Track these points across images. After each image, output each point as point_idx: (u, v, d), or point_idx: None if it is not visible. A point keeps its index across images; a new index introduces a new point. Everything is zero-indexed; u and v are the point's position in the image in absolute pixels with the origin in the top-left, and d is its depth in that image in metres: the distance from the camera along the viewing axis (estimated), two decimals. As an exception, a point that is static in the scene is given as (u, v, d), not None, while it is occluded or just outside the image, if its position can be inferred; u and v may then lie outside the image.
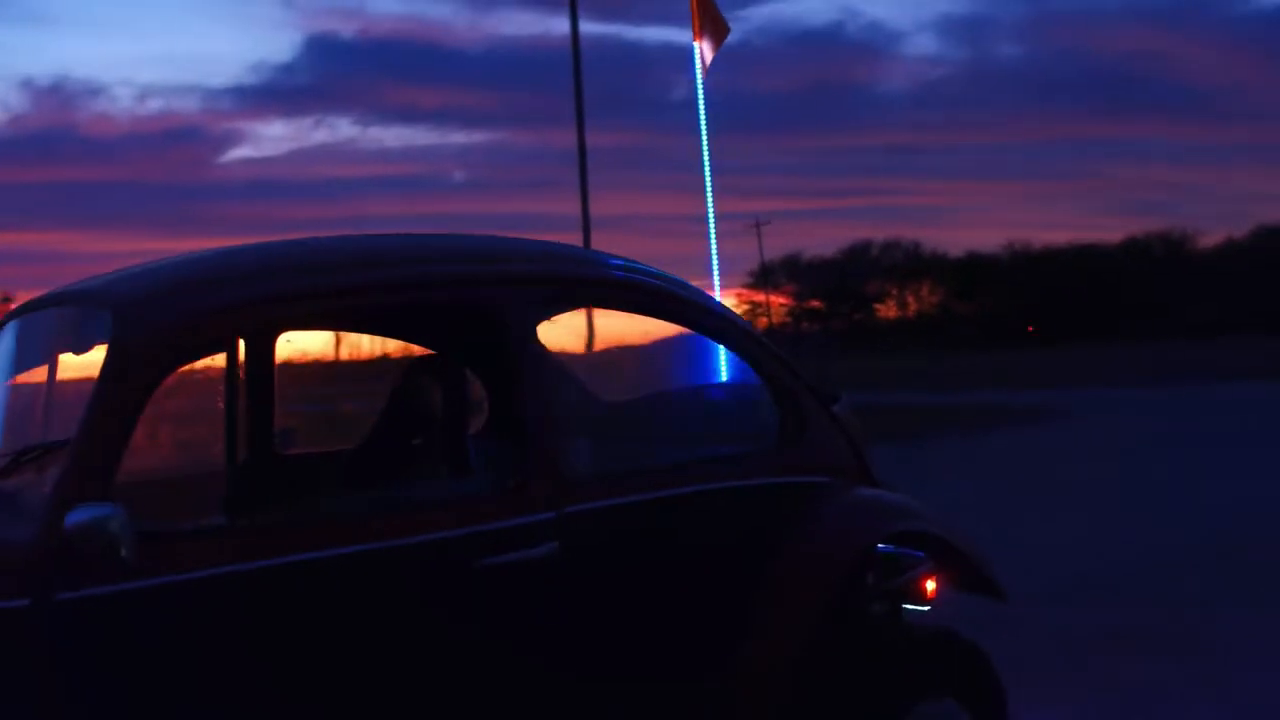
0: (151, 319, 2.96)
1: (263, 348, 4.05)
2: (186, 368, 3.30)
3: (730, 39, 6.87)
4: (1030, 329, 75.71)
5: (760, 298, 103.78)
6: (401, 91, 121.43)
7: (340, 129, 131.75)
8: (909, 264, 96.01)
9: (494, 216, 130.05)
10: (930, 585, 3.87)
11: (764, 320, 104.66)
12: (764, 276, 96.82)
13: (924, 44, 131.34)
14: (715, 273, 8.53)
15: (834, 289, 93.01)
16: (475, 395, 4.08)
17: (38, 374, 3.67)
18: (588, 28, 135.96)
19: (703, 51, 6.12)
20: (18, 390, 3.71)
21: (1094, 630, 6.86)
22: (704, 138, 6.24)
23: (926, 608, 3.88)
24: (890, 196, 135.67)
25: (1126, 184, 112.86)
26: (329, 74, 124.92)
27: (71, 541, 2.65)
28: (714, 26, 6.18)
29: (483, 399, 4.22)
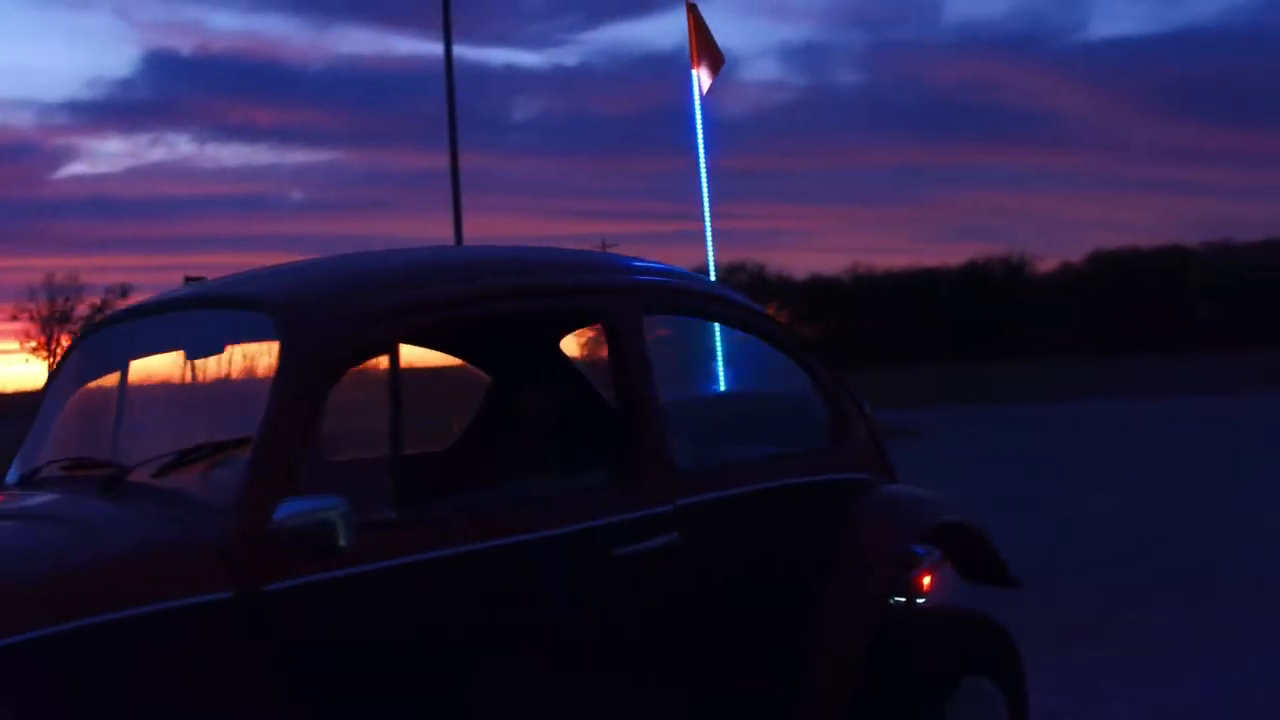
0: (327, 323, 3.16)
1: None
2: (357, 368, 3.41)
3: (571, 61, 6.68)
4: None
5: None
6: (240, 109, 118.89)
7: (178, 146, 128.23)
8: (755, 286, 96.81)
9: (333, 237, 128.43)
10: (927, 580, 4.28)
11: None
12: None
13: (765, 70, 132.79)
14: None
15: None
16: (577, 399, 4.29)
17: (143, 376, 3.87)
18: (427, 48, 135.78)
19: (700, 79, 6.34)
20: (142, 391, 3.89)
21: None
22: (701, 163, 6.36)
23: (922, 599, 4.30)
24: (733, 220, 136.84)
25: (964, 210, 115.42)
26: (167, 90, 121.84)
27: (283, 534, 2.82)
28: (710, 56, 6.34)
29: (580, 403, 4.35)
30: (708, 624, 3.67)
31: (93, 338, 4.00)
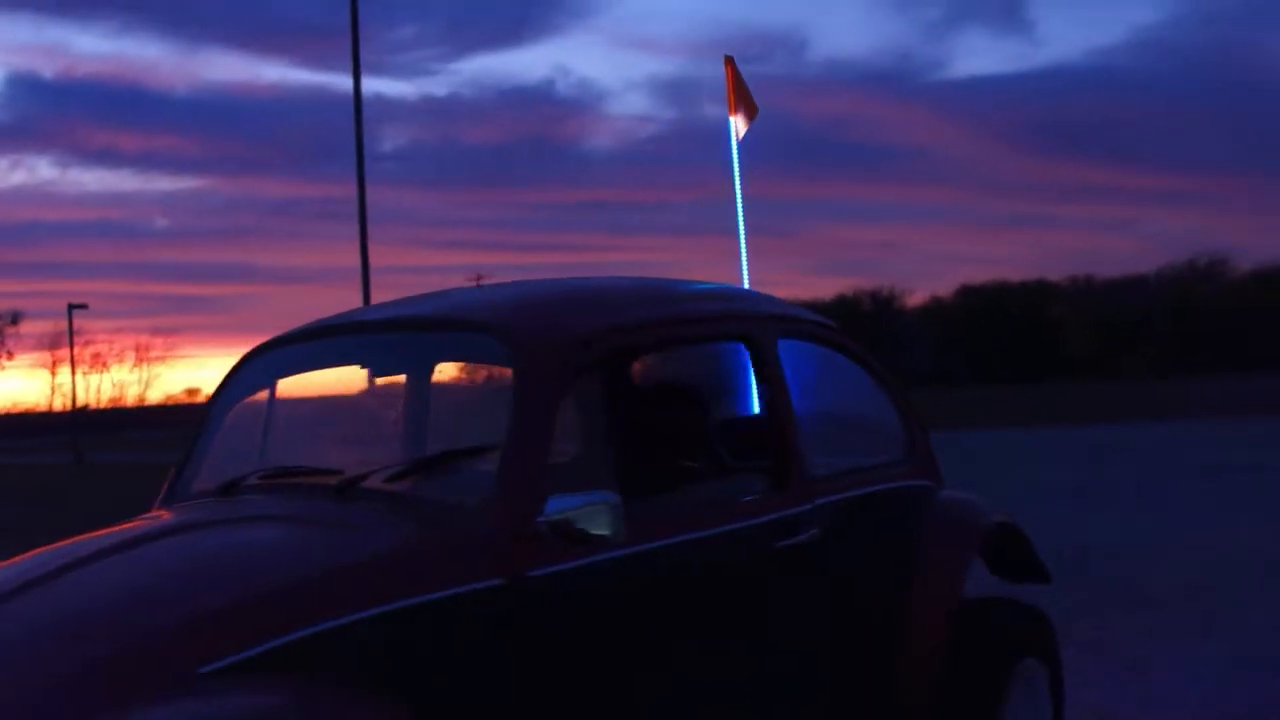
0: (556, 344, 3.48)
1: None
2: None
3: (440, 91, 6.81)
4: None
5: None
6: (104, 134, 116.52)
7: (40, 170, 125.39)
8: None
9: (198, 265, 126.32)
10: None
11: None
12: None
13: (634, 103, 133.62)
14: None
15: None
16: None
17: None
18: (295, 75, 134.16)
19: (736, 125, 6.59)
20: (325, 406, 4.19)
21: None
22: (739, 203, 6.57)
23: None
24: (604, 252, 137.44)
25: (833, 243, 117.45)
26: (28, 113, 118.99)
27: (549, 527, 3.12)
28: (746, 106, 6.62)
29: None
30: (834, 607, 4.11)
31: (263, 359, 4.15)
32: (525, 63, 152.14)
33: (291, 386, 4.09)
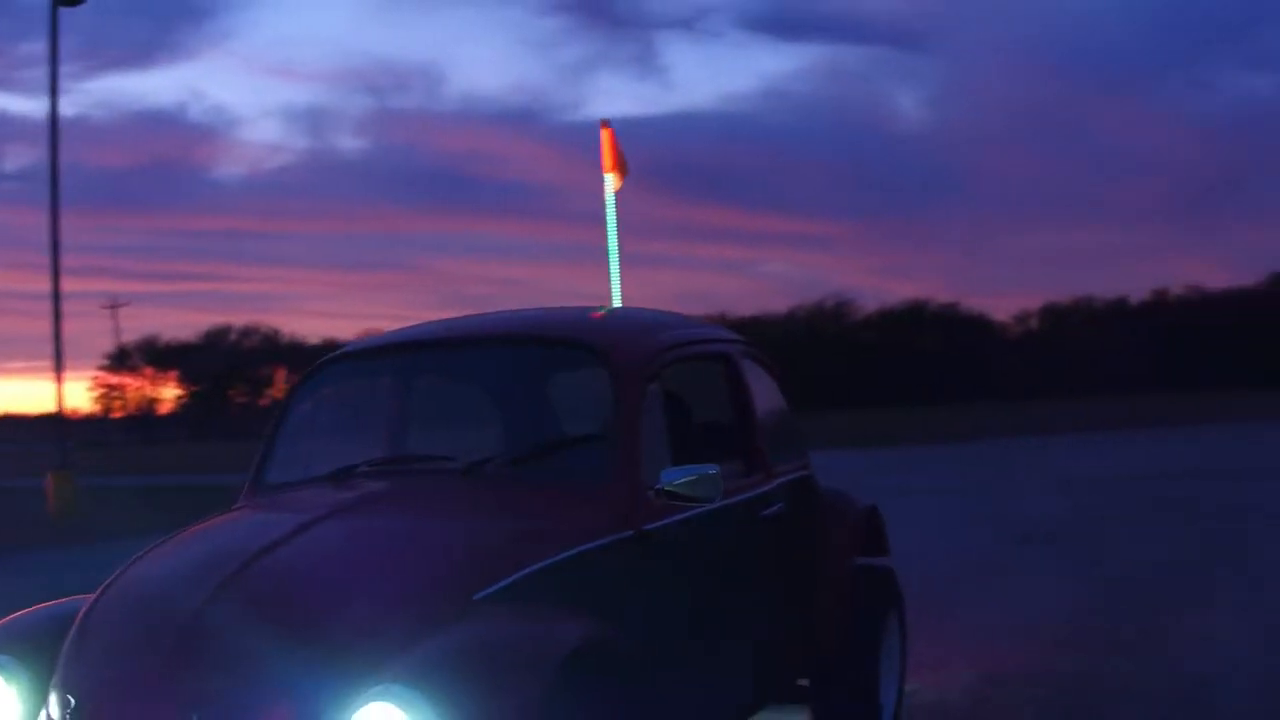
0: (639, 356, 4.53)
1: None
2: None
3: (69, 112, 7.43)
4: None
5: (117, 381, 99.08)
6: None
7: None
8: (268, 351, 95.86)
9: None
10: None
11: (120, 404, 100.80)
12: (121, 359, 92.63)
13: (267, 131, 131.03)
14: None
15: (199, 373, 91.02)
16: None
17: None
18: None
19: (610, 182, 7.18)
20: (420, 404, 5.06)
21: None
22: (613, 258, 7.18)
23: None
24: (237, 282, 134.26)
25: (462, 277, 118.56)
26: None
27: (664, 493, 4.18)
28: (621, 165, 7.19)
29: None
30: (784, 563, 5.25)
31: (348, 364, 5.03)
32: (158, 85, 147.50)
33: (370, 389, 5.00)
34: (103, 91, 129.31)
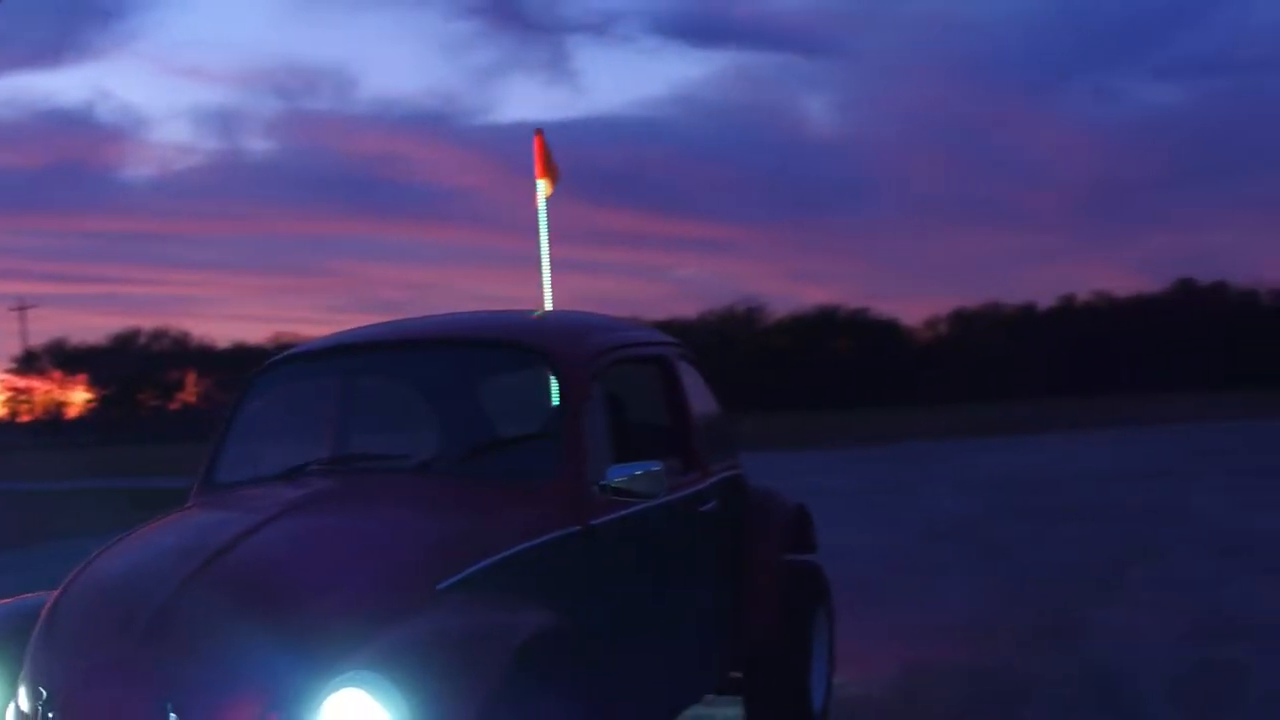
0: (584, 358, 4.71)
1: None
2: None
3: None
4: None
5: (25, 384, 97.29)
6: None
7: None
8: (177, 354, 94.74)
9: None
10: None
11: (27, 408, 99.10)
12: (28, 362, 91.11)
13: (176, 132, 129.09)
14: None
15: (109, 377, 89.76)
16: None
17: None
18: None
19: (543, 188, 7.34)
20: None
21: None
22: (544, 262, 7.38)
23: None
24: (147, 285, 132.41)
25: (373, 281, 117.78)
26: None
27: (609, 489, 4.38)
28: (552, 172, 7.35)
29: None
30: (719, 557, 5.49)
31: (298, 365, 5.14)
32: (65, 85, 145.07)
33: (318, 390, 5.12)
34: (8, 91, 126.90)
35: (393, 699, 3.17)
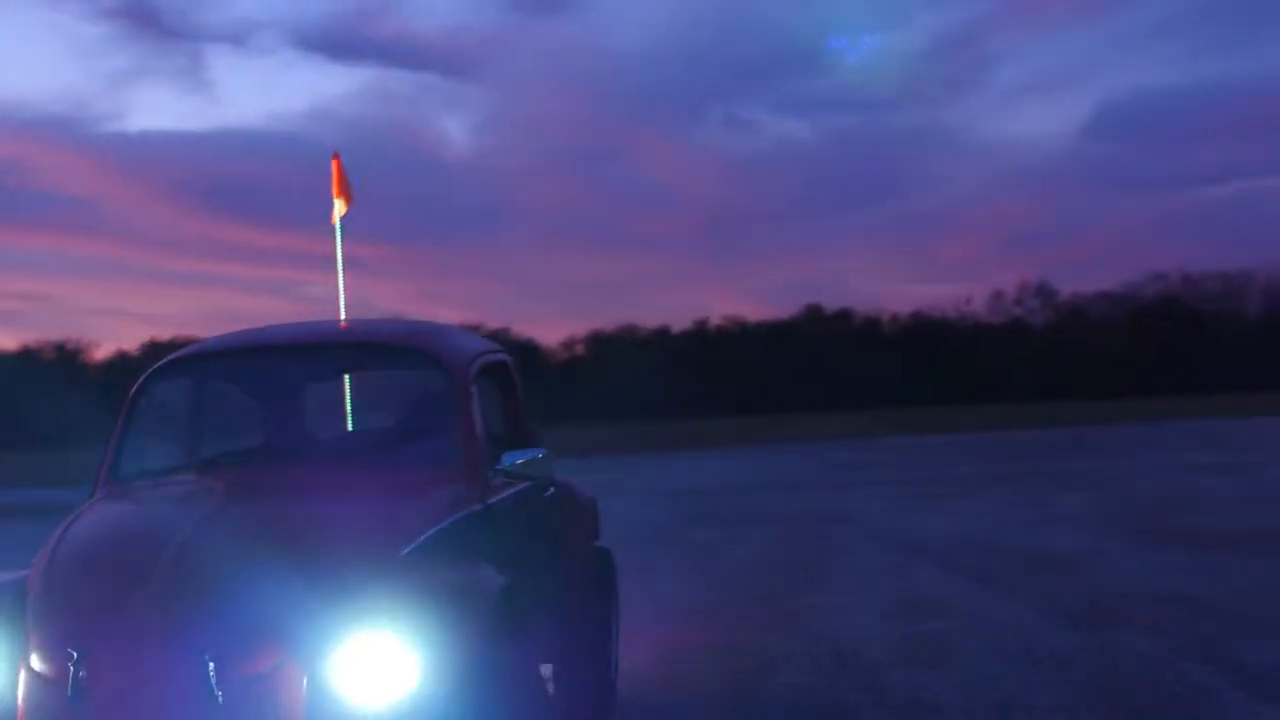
0: (466, 362, 5.28)
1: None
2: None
3: None
4: None
5: None
6: None
7: None
8: None
9: None
10: None
11: None
12: None
13: None
14: None
15: None
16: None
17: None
18: None
19: (338, 206, 7.64)
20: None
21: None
22: (340, 278, 7.69)
23: None
24: None
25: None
26: None
27: (504, 473, 5.11)
28: (346, 191, 7.64)
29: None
30: (567, 539, 6.30)
31: (183, 368, 5.42)
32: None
33: (226, 388, 5.57)
34: None
35: (410, 638, 3.77)
